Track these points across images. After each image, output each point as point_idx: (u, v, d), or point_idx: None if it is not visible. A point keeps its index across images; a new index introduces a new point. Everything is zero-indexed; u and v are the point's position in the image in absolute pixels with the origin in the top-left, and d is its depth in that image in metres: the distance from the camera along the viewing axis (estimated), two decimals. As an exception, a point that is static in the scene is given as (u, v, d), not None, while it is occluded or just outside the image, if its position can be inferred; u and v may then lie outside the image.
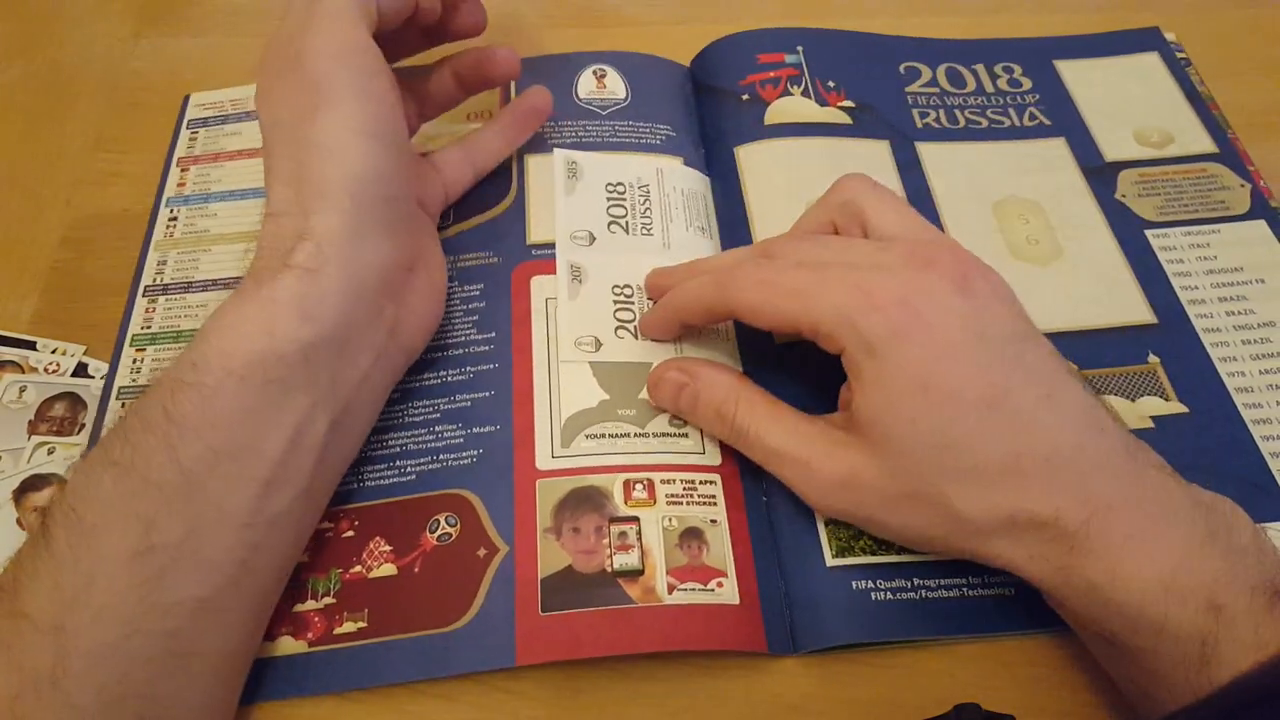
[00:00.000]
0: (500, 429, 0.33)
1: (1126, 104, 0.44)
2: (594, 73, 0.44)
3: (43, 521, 0.25)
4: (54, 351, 0.37)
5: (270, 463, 0.26)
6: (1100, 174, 0.42)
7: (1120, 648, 0.26)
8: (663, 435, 0.33)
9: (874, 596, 0.30)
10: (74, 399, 0.35)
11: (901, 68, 0.45)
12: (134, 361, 0.36)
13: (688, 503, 0.32)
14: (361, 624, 0.29)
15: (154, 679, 0.24)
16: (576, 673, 0.30)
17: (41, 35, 0.48)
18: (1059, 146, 0.43)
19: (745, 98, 0.43)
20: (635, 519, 0.31)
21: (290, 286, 0.27)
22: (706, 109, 0.44)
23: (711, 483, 0.32)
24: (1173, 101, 0.44)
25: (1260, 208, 0.40)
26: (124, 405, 0.35)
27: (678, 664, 0.30)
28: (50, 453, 0.34)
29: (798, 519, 0.32)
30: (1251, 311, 0.37)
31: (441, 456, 0.33)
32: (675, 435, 0.33)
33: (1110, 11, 0.48)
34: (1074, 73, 0.45)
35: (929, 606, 0.30)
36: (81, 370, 0.36)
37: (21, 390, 0.35)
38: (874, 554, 0.31)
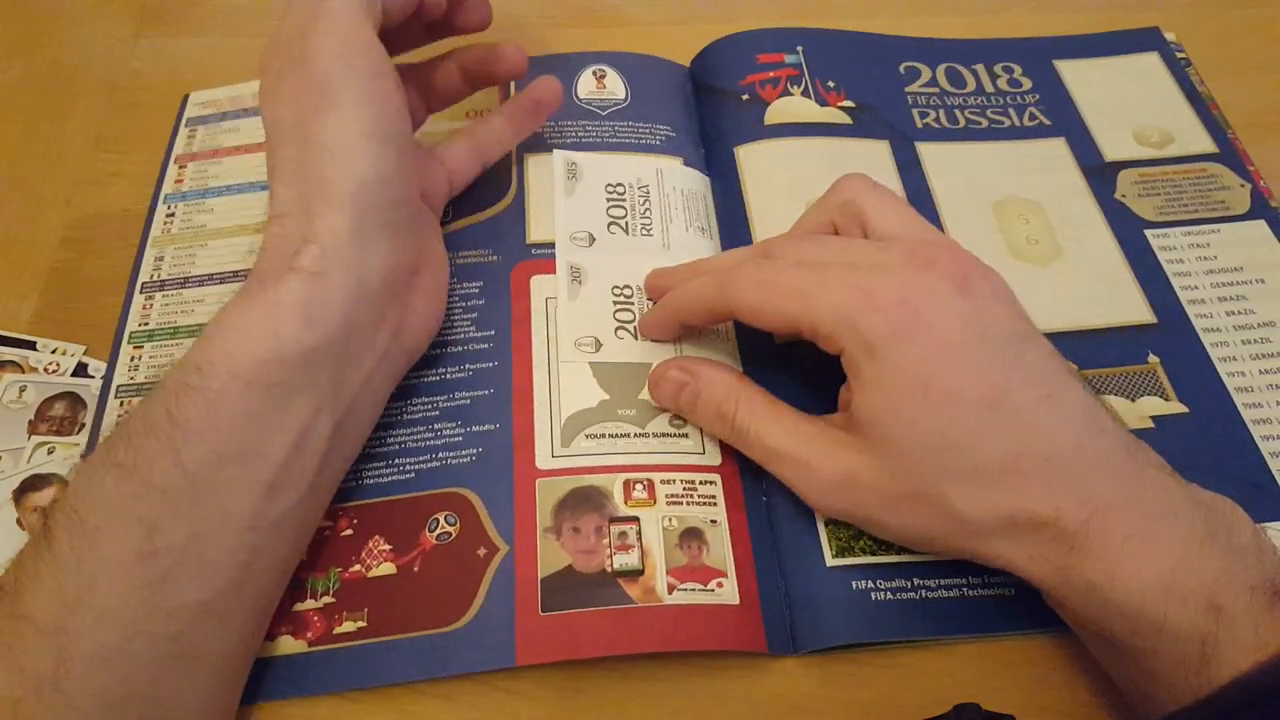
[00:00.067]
0: (500, 428, 0.33)
1: (1126, 104, 0.44)
2: (594, 73, 0.44)
3: (45, 523, 0.25)
4: (54, 351, 0.37)
5: (274, 466, 0.26)
6: (1100, 174, 0.42)
7: (1120, 648, 0.26)
8: (663, 435, 0.33)
9: (874, 596, 0.30)
10: (74, 399, 0.35)
11: (901, 68, 0.45)
12: (132, 359, 0.36)
13: (688, 503, 0.32)
14: (361, 623, 0.29)
15: (156, 681, 0.24)
16: (576, 673, 0.30)
17: (41, 35, 0.48)
18: (1059, 146, 0.43)
19: (745, 98, 0.43)
20: (635, 519, 0.31)
21: (294, 290, 0.27)
22: (706, 109, 0.44)
23: (711, 483, 0.32)
24: (1173, 101, 0.44)
25: (1260, 208, 0.40)
26: (123, 403, 0.35)
27: (678, 664, 0.30)
28: (50, 453, 0.34)
29: (798, 519, 0.32)
30: (1251, 311, 0.37)
31: (441, 455, 0.33)
32: (675, 435, 0.33)
33: (1110, 11, 0.48)
34: (1074, 73, 0.45)
35: (929, 606, 0.30)
36: (81, 370, 0.36)
37: (21, 390, 0.35)
38: (874, 554, 0.31)
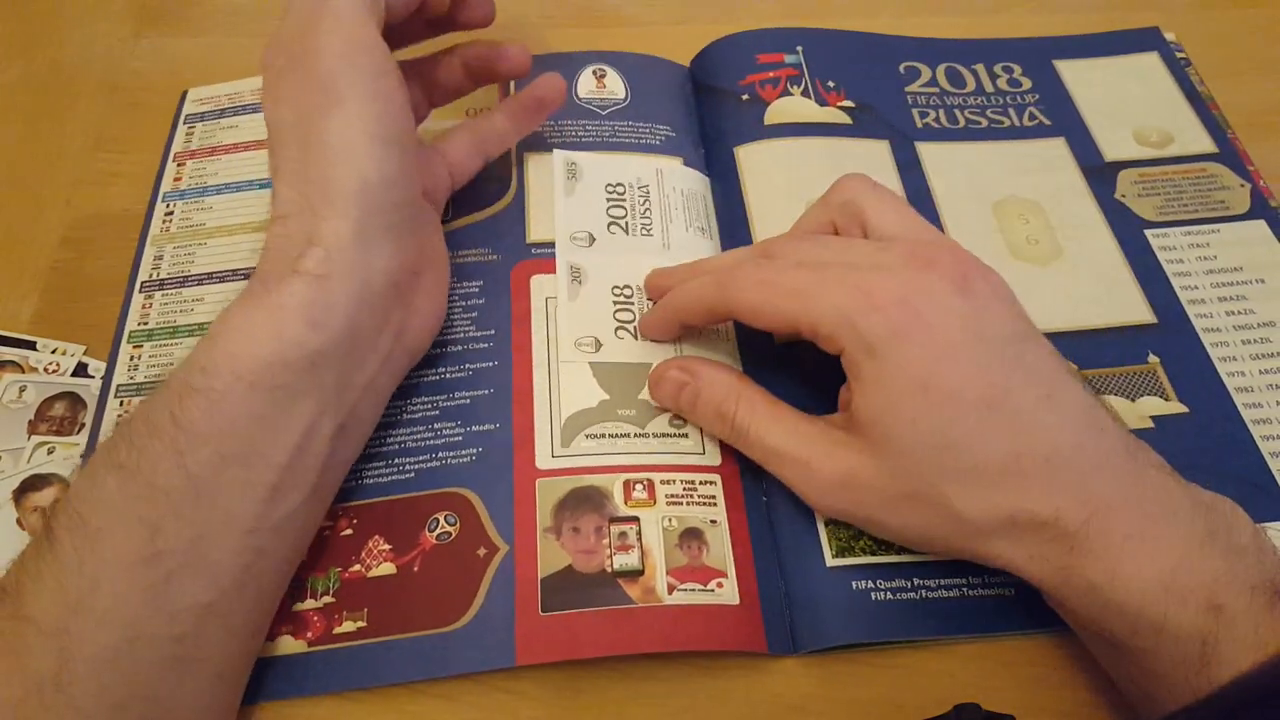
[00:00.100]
0: (500, 428, 0.33)
1: (1126, 104, 0.44)
2: (594, 73, 0.44)
3: (47, 524, 0.25)
4: (54, 351, 0.37)
5: (277, 469, 0.26)
6: (1100, 174, 0.42)
7: (1120, 648, 0.26)
8: (663, 435, 0.33)
9: (874, 596, 0.30)
10: (74, 399, 0.35)
11: (901, 67, 0.45)
12: (132, 359, 0.36)
13: (688, 503, 0.32)
14: (361, 623, 0.29)
15: (158, 683, 0.24)
16: (576, 673, 0.30)
17: (41, 35, 0.48)
18: (1059, 146, 0.43)
19: (745, 98, 0.43)
20: (635, 519, 0.31)
21: (298, 293, 0.27)
22: (706, 109, 0.44)
23: (711, 483, 0.32)
24: (1172, 101, 0.44)
25: (1260, 208, 0.40)
26: (123, 403, 0.35)
27: (678, 664, 0.30)
28: (50, 453, 0.34)
29: (798, 519, 0.32)
30: (1251, 311, 0.37)
31: (441, 455, 0.33)
32: (675, 435, 0.33)
33: (1110, 11, 0.48)
34: (1074, 73, 0.45)
35: (929, 606, 0.30)
36: (81, 370, 0.36)
37: (21, 390, 0.35)
38: (874, 554, 0.31)
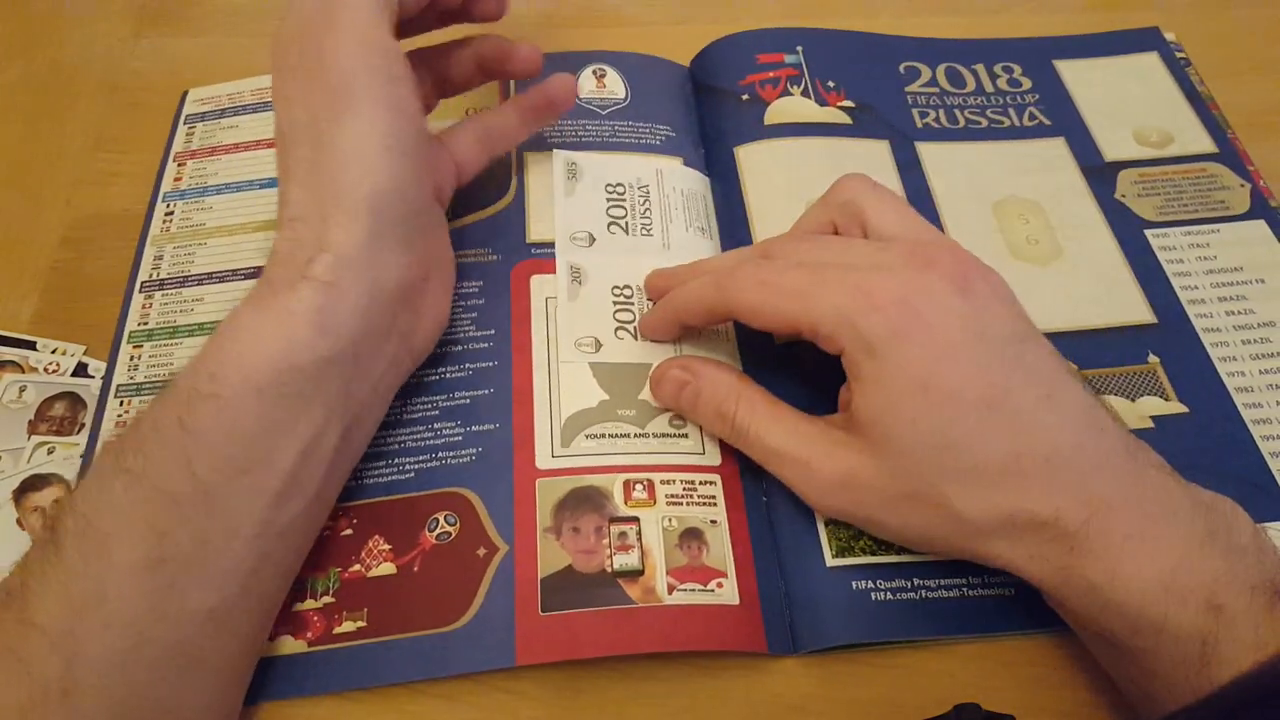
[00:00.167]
0: (500, 427, 0.33)
1: (1126, 104, 0.44)
2: (594, 72, 0.44)
3: (52, 528, 0.25)
4: (54, 351, 0.37)
5: (283, 474, 0.26)
6: (1100, 174, 0.42)
7: (1120, 648, 0.26)
8: (663, 436, 0.33)
9: (874, 596, 0.30)
10: (74, 399, 0.35)
11: (901, 67, 0.45)
12: (131, 359, 0.36)
13: (688, 503, 0.32)
14: (361, 623, 0.29)
15: (162, 687, 0.24)
16: (576, 673, 0.30)
17: (41, 35, 0.48)
18: (1059, 146, 0.43)
19: (745, 98, 0.43)
20: (635, 519, 0.31)
21: (308, 299, 0.26)
22: (706, 109, 0.44)
23: (711, 483, 0.32)
24: (1172, 101, 0.44)
25: (1260, 208, 0.40)
26: (123, 403, 0.35)
27: (678, 664, 0.30)
28: (50, 453, 0.34)
29: (798, 519, 0.32)
30: (1251, 311, 0.37)
31: (440, 454, 0.33)
32: (675, 436, 0.33)
33: (1110, 11, 0.48)
34: (1074, 73, 0.45)
35: (929, 606, 0.30)
36: (81, 370, 0.36)
37: (21, 390, 0.35)
38: (874, 554, 0.31)
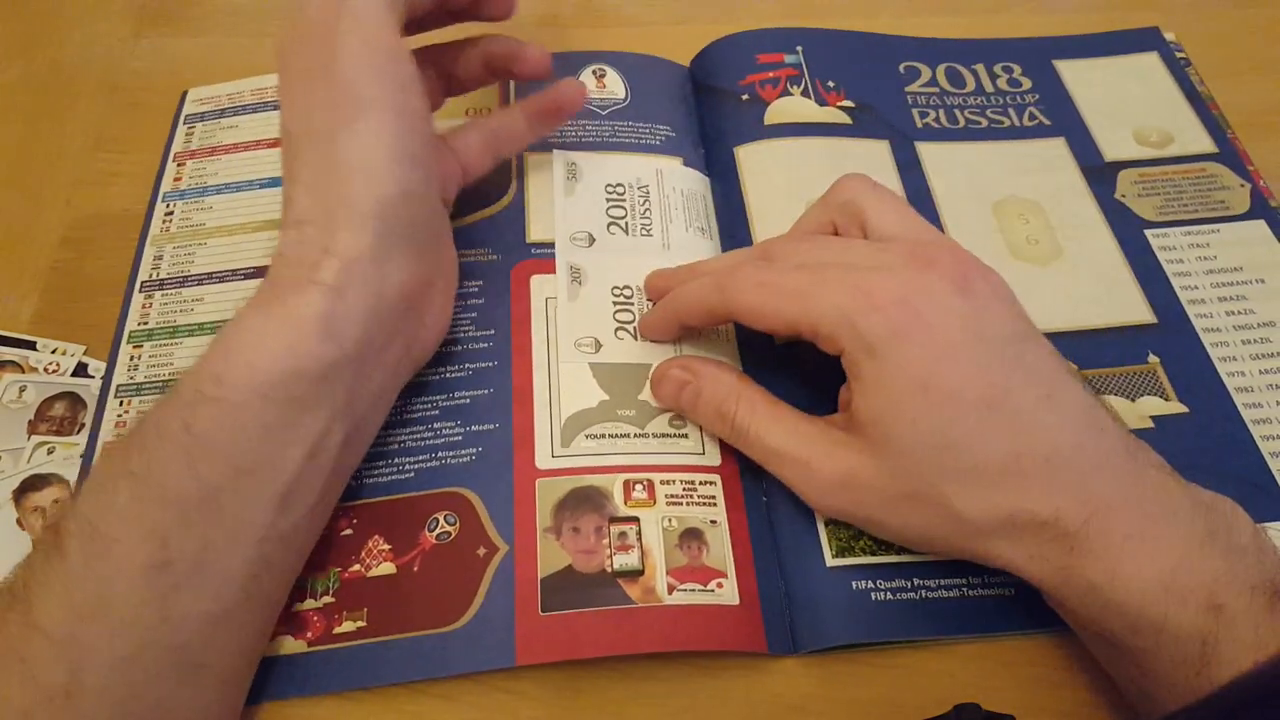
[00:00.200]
0: (499, 427, 0.33)
1: (1126, 104, 0.44)
2: (594, 73, 0.44)
3: (55, 531, 0.25)
4: (54, 351, 0.37)
5: (287, 479, 0.26)
6: (1100, 174, 0.42)
7: (1120, 648, 0.26)
8: (663, 436, 0.33)
9: (874, 596, 0.30)
10: (74, 399, 0.35)
11: (901, 67, 0.45)
12: (131, 359, 0.36)
13: (687, 503, 0.32)
14: (361, 623, 0.29)
15: (165, 691, 0.24)
16: (576, 673, 0.30)
17: (41, 35, 0.48)
18: (1059, 146, 0.43)
19: (745, 98, 0.43)
20: (635, 519, 0.31)
21: (315, 304, 0.26)
22: (706, 109, 0.44)
23: (711, 483, 0.32)
24: (1172, 101, 0.44)
25: (1260, 208, 0.40)
26: (122, 403, 0.35)
27: (678, 664, 0.30)
28: (50, 453, 0.34)
29: (798, 519, 0.32)
30: (1251, 311, 0.37)
31: (440, 454, 0.33)
32: (675, 436, 0.33)
33: (1110, 11, 0.48)
34: (1074, 73, 0.45)
35: (929, 606, 0.30)
36: (81, 370, 0.36)
37: (21, 390, 0.35)
38: (874, 554, 0.31)
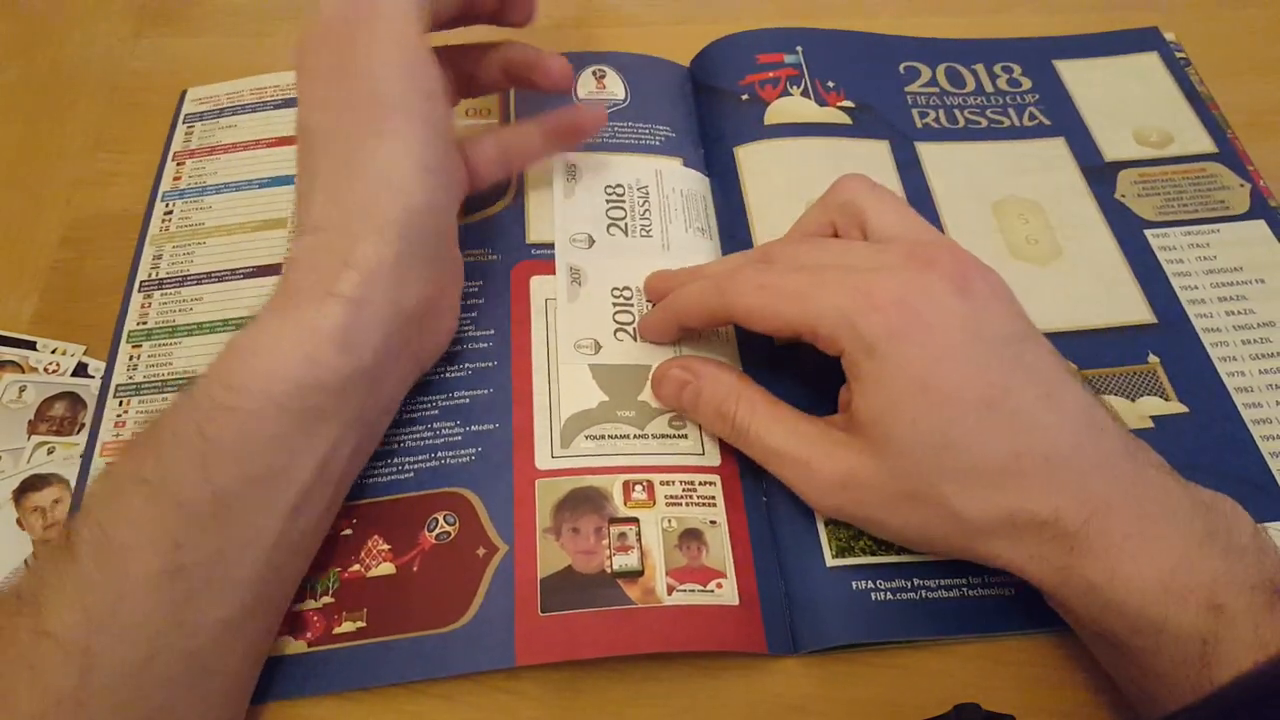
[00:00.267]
0: (499, 428, 0.33)
1: (1126, 104, 0.44)
2: (593, 73, 0.44)
3: (67, 536, 0.24)
4: (54, 351, 0.37)
5: (299, 487, 0.26)
6: (1100, 174, 0.42)
7: (1120, 648, 0.26)
8: (662, 437, 0.33)
9: (874, 597, 0.30)
10: (74, 399, 0.35)
11: (901, 67, 0.45)
12: (131, 359, 0.36)
13: (687, 504, 0.32)
14: (360, 624, 0.29)
15: (174, 697, 0.24)
16: (576, 673, 0.30)
17: (41, 35, 0.48)
18: (1058, 146, 0.43)
19: (745, 98, 0.43)
20: (635, 520, 0.31)
21: (333, 316, 0.26)
22: (706, 109, 0.44)
23: (711, 484, 0.32)
24: (1172, 101, 0.44)
25: (1260, 208, 0.40)
26: (122, 403, 0.35)
27: (678, 664, 0.30)
28: (50, 453, 0.34)
29: (798, 519, 0.32)
30: (1251, 311, 0.37)
31: (440, 454, 0.33)
32: (675, 437, 0.33)
33: (1110, 11, 0.48)
34: (1073, 73, 0.45)
35: (929, 606, 0.30)
36: (81, 370, 0.36)
37: (21, 390, 0.35)
38: (874, 554, 0.31)
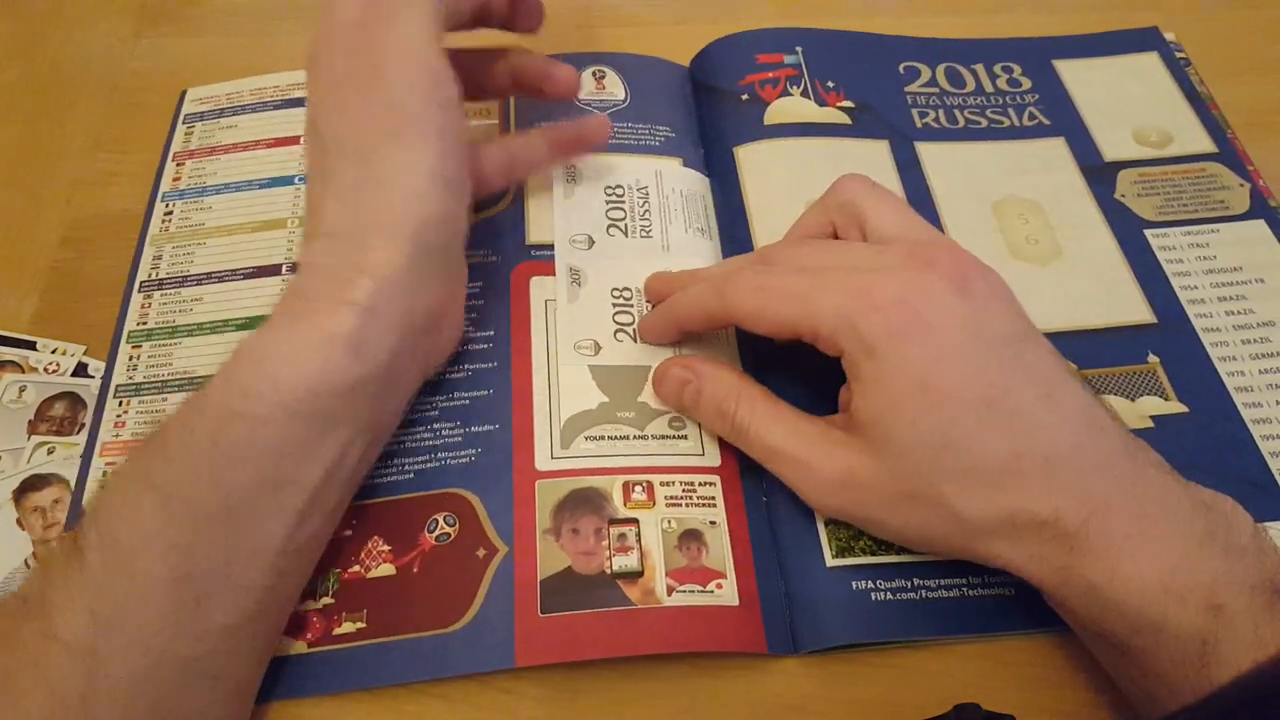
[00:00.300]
0: (499, 429, 0.33)
1: (1126, 104, 0.44)
2: (593, 74, 0.44)
3: (74, 540, 0.24)
4: (54, 351, 0.37)
5: (308, 493, 0.26)
6: (1099, 174, 0.42)
7: (1120, 648, 0.26)
8: (662, 437, 0.33)
9: (874, 597, 0.30)
10: (74, 399, 0.35)
11: (901, 67, 0.45)
12: (130, 359, 0.36)
13: (687, 504, 0.32)
14: (360, 624, 0.29)
15: (180, 701, 0.24)
16: (576, 673, 0.30)
17: (41, 35, 0.48)
18: (1058, 146, 0.43)
19: (745, 98, 0.43)
20: (634, 521, 0.31)
21: (346, 322, 0.26)
22: (706, 109, 0.44)
23: (711, 484, 0.32)
24: (1172, 101, 0.44)
25: (1260, 207, 0.40)
26: (122, 403, 0.35)
27: (678, 664, 0.30)
28: (50, 452, 0.34)
29: (798, 519, 0.32)
30: (1251, 311, 0.37)
31: (440, 455, 0.33)
32: (674, 437, 0.33)
33: (1110, 11, 0.48)
34: (1073, 73, 0.45)
35: (929, 606, 0.30)
36: (81, 370, 0.36)
37: (21, 390, 0.35)
38: (874, 554, 0.31)
